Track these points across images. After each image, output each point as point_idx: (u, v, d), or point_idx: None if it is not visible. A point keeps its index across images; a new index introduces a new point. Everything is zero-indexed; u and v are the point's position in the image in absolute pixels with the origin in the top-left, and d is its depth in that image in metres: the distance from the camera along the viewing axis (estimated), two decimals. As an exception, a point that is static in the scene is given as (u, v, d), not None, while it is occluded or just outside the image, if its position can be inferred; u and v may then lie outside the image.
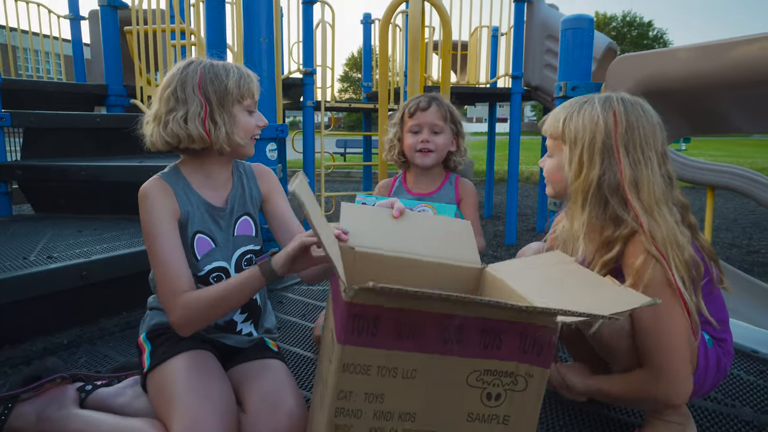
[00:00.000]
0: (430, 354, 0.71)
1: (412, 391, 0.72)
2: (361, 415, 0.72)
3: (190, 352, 1.12)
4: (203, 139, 1.13)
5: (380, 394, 0.72)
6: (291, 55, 5.17)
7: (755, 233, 4.85)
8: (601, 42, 4.38)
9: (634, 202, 1.00)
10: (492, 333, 0.71)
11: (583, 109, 1.07)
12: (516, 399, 0.74)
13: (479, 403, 0.74)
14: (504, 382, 0.73)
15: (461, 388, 0.73)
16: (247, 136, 1.21)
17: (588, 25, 2.25)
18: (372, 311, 0.69)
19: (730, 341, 1.14)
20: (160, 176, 1.19)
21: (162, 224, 1.12)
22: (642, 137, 1.02)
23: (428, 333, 0.70)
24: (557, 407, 1.34)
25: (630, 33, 40.03)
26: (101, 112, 4.05)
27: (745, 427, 1.26)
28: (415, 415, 0.73)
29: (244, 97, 1.19)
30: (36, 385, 1.14)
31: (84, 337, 1.77)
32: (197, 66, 1.15)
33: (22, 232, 2.22)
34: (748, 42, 1.75)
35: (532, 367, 0.73)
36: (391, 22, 3.41)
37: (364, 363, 0.70)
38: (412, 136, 1.68)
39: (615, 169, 1.01)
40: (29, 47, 4.98)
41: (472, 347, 0.71)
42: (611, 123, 1.02)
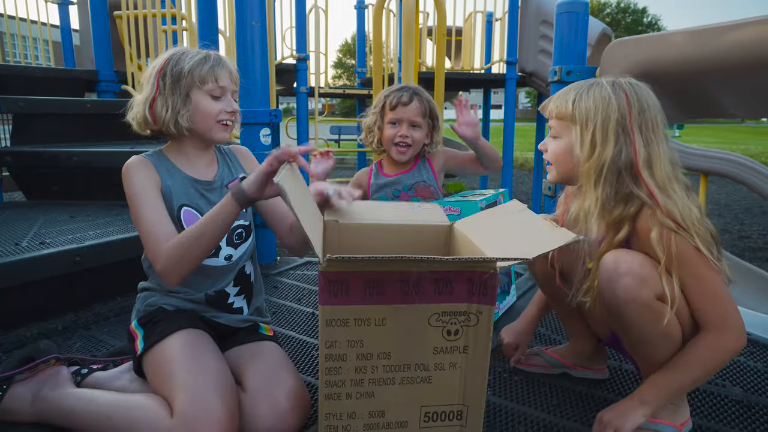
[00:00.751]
0: (395, 305, 0.87)
1: (385, 335, 0.88)
2: (347, 357, 0.88)
3: (185, 330, 1.13)
4: (149, 123, 1.19)
5: (360, 340, 0.88)
6: (284, 40, 5.12)
7: (747, 219, 4.89)
8: (596, 28, 4.37)
9: (648, 179, 1.02)
10: (444, 282, 0.87)
11: (593, 90, 1.08)
12: (470, 332, 0.90)
13: (441, 339, 0.90)
14: (459, 320, 0.89)
15: (425, 328, 0.89)
16: (208, 121, 1.21)
17: (583, 10, 2.24)
18: (343, 276, 0.84)
19: None
20: (143, 155, 1.23)
21: (145, 190, 1.15)
22: (652, 117, 1.05)
23: (391, 289, 0.86)
24: (549, 388, 1.36)
25: (624, 19, 39.96)
26: (91, 98, 4.00)
27: (735, 406, 1.28)
28: (390, 354, 0.90)
29: (205, 81, 1.18)
30: (30, 366, 1.14)
31: (78, 323, 1.77)
32: (168, 54, 1.20)
33: (14, 219, 2.20)
34: (742, 26, 1.75)
35: (480, 306, 0.89)
36: (384, 8, 3.38)
37: (343, 318, 0.86)
38: (391, 127, 1.72)
39: (629, 148, 1.03)
40: (17, 33, 4.89)
41: (429, 295, 0.87)
42: (624, 103, 1.04)
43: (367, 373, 0.90)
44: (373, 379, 0.90)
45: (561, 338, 1.66)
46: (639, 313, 1.00)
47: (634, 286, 0.99)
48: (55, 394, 1.11)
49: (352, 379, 0.90)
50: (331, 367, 0.88)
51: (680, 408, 1.12)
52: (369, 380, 0.90)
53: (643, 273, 0.99)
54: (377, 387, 0.91)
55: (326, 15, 4.85)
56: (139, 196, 1.14)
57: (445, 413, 0.94)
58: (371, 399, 0.91)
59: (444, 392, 0.93)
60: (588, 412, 1.25)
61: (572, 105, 1.09)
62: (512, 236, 1.06)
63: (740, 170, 3.44)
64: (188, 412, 0.96)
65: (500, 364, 1.49)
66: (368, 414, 0.92)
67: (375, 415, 0.92)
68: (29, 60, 5.06)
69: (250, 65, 2.25)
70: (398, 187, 1.74)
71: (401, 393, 0.92)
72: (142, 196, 1.14)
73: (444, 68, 2.88)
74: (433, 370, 0.92)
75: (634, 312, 1.01)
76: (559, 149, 1.14)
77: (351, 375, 0.90)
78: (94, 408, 1.06)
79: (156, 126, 1.19)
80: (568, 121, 1.11)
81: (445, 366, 0.92)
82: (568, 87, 1.14)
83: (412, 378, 0.92)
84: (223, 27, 3.37)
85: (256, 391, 1.07)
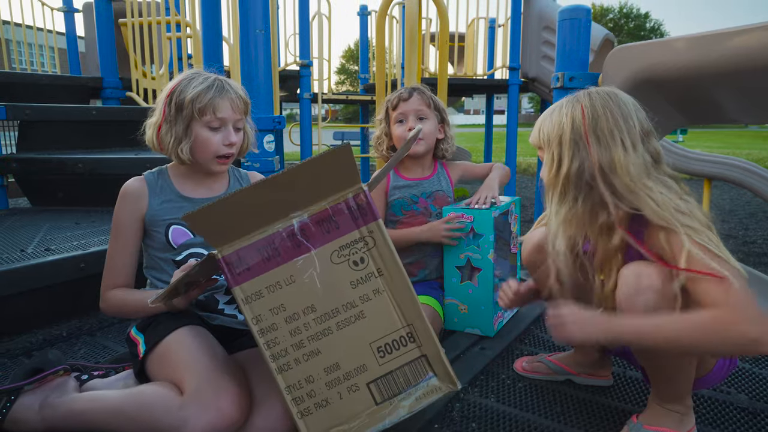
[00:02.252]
0: (294, 260, 0.89)
1: (300, 290, 0.89)
2: (277, 326, 0.89)
3: (187, 327, 1.14)
4: (156, 147, 1.23)
5: (280, 305, 0.89)
6: (287, 47, 5.15)
7: (751, 224, 4.87)
8: (599, 33, 4.37)
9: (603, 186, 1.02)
10: (326, 221, 0.89)
11: (554, 112, 1.10)
12: (375, 254, 0.90)
13: (352, 271, 0.90)
14: (358, 248, 0.90)
15: (332, 269, 0.90)
16: (205, 155, 1.22)
17: (585, 16, 2.25)
18: (237, 254, 0.87)
19: None
20: (144, 175, 1.27)
21: (123, 226, 1.23)
22: (611, 122, 1.03)
23: (283, 247, 0.89)
24: (553, 395, 1.36)
25: (627, 24, 39.95)
26: (97, 105, 4.02)
27: (740, 413, 1.28)
28: (314, 306, 0.90)
29: (203, 113, 1.18)
30: (39, 378, 1.14)
31: (83, 329, 1.78)
32: (181, 77, 1.22)
33: (20, 225, 2.21)
34: (746, 32, 1.75)
35: (368, 225, 0.90)
36: (387, 14, 3.40)
37: (255, 291, 0.88)
38: (398, 126, 1.71)
39: (588, 159, 1.03)
40: (23, 40, 4.93)
41: (319, 238, 0.89)
42: (579, 116, 1.05)
43: (302, 333, 0.90)
44: (311, 335, 0.90)
45: (565, 345, 1.66)
46: None
47: (656, 302, 0.97)
48: (63, 399, 1.12)
49: (291, 344, 0.90)
50: (268, 341, 0.89)
51: (686, 417, 1.11)
52: (308, 338, 0.90)
53: (665, 289, 0.97)
54: (318, 342, 0.91)
55: (329, 21, 4.88)
56: (117, 229, 1.23)
57: (396, 341, 0.92)
58: (319, 356, 0.91)
59: (383, 321, 0.92)
60: (592, 420, 1.25)
61: (538, 132, 1.12)
62: None
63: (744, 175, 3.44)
64: (200, 386, 0.97)
65: (504, 371, 1.48)
66: (324, 372, 0.91)
67: (331, 369, 0.91)
68: (35, 67, 5.11)
69: (254, 72, 2.27)
70: (417, 192, 1.73)
71: (343, 339, 0.91)
72: (119, 228, 1.23)
73: (447, 74, 2.89)
74: (360, 304, 0.91)
75: None
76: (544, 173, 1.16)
77: (289, 340, 0.90)
78: (104, 405, 1.06)
79: (162, 151, 1.23)
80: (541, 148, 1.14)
81: (369, 295, 0.91)
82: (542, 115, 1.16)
83: (346, 320, 0.91)
84: (227, 34, 3.39)
85: (256, 395, 1.07)
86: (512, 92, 4.96)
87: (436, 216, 1.73)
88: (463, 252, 1.65)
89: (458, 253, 1.66)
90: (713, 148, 12.81)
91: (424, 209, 1.73)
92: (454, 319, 1.72)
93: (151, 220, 1.23)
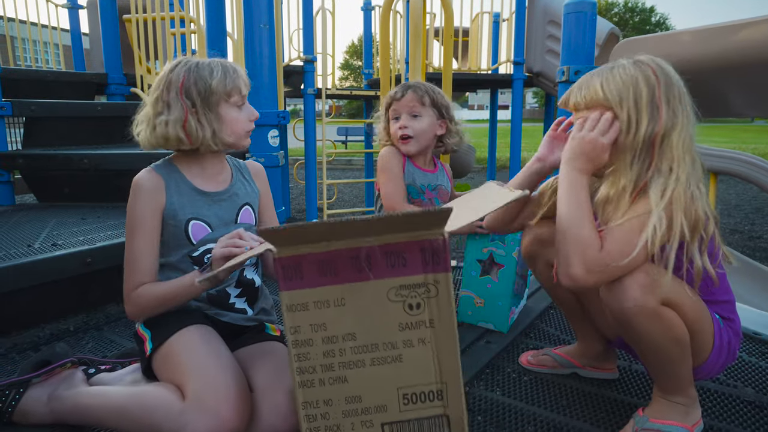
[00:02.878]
0: (350, 283, 0.86)
1: (347, 315, 0.87)
2: (313, 342, 0.88)
3: (193, 326, 1.14)
4: (185, 142, 1.17)
5: (322, 323, 0.87)
6: (291, 42, 5.15)
7: (757, 219, 4.85)
8: (604, 27, 4.35)
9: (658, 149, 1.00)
10: (395, 254, 0.86)
11: (616, 71, 1.06)
12: (433, 304, 0.87)
13: (404, 314, 0.88)
14: (419, 292, 0.87)
15: (385, 305, 0.87)
16: (238, 133, 1.23)
17: (590, 9, 2.24)
18: (295, 260, 0.85)
19: (738, 323, 1.14)
20: (153, 168, 1.22)
21: (143, 220, 1.17)
22: (679, 89, 1.03)
23: (343, 267, 0.86)
24: (558, 388, 1.36)
25: (632, 19, 39.72)
26: (102, 101, 4.03)
27: (746, 407, 1.27)
28: (355, 335, 0.88)
29: (231, 95, 1.19)
30: (47, 370, 1.16)
31: (90, 324, 1.79)
32: (182, 68, 1.17)
33: (26, 221, 2.23)
34: (752, 25, 1.74)
35: (437, 274, 0.86)
36: (392, 9, 3.39)
37: (302, 302, 0.86)
38: (393, 123, 1.73)
39: (657, 121, 1.01)
40: (27, 37, 4.95)
41: (382, 269, 0.86)
42: (653, 78, 1.02)
43: (336, 357, 0.89)
44: (343, 362, 0.89)
45: (570, 338, 1.66)
46: (647, 322, 1.00)
47: (640, 296, 0.98)
48: (70, 393, 1.13)
49: (321, 364, 0.89)
50: (299, 354, 0.88)
51: (691, 409, 1.11)
52: (339, 364, 0.89)
53: (646, 281, 0.98)
54: (348, 370, 0.89)
55: (333, 17, 4.87)
56: (137, 222, 1.17)
57: (424, 393, 0.91)
58: (345, 384, 0.90)
59: (418, 371, 0.90)
60: (598, 413, 1.25)
61: (602, 89, 1.06)
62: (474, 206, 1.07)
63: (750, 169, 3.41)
64: (201, 392, 0.98)
65: (509, 364, 1.49)
66: (344, 400, 0.90)
67: (351, 400, 0.90)
68: (40, 64, 5.11)
69: (258, 67, 2.27)
70: (425, 182, 1.74)
71: (374, 375, 0.90)
72: (139, 223, 1.16)
73: (451, 69, 2.87)
74: (402, 347, 0.89)
75: (641, 321, 1.00)
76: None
77: (320, 360, 0.89)
78: (109, 402, 1.07)
79: (192, 145, 1.18)
80: (600, 107, 1.06)
81: (413, 342, 0.89)
82: (586, 76, 1.11)
83: (383, 358, 0.90)
84: (231, 29, 3.39)
85: (260, 390, 1.08)
86: (517, 87, 4.94)
87: None
88: (486, 246, 1.65)
89: (481, 246, 1.66)
90: (719, 143, 12.74)
91: (428, 201, 1.74)
92: (467, 312, 1.72)
93: (171, 215, 1.20)
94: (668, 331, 1.01)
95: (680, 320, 1.02)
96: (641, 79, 1.03)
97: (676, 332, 1.01)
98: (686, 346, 1.04)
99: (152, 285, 1.16)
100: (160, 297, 1.14)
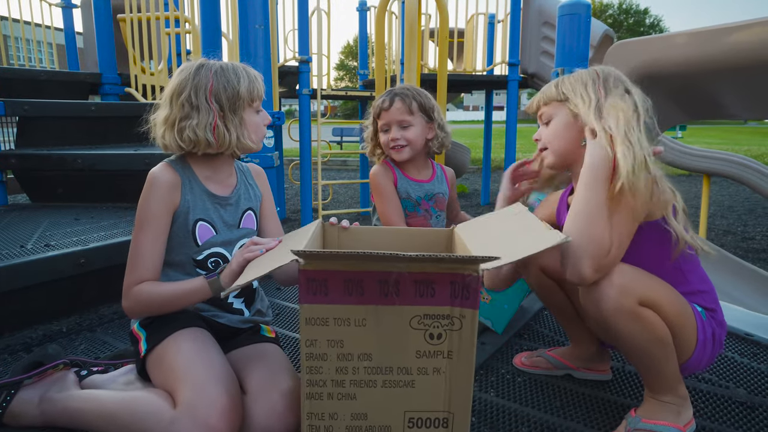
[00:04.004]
0: (374, 305, 0.86)
1: (366, 336, 0.88)
2: (327, 357, 0.88)
3: (187, 329, 1.14)
4: (213, 146, 1.19)
5: (340, 340, 0.87)
6: (286, 42, 5.14)
7: (750, 220, 4.88)
8: (598, 29, 4.37)
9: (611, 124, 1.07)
10: (425, 283, 0.86)
11: (568, 76, 1.22)
12: (455, 337, 0.88)
13: (424, 342, 0.88)
14: (442, 324, 0.87)
15: (406, 331, 0.88)
16: (257, 136, 1.27)
17: (585, 11, 2.25)
18: (322, 275, 0.84)
19: (720, 312, 1.16)
20: (169, 164, 1.22)
21: (154, 217, 1.16)
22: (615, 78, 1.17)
23: (370, 288, 0.86)
24: (552, 389, 1.36)
25: (627, 20, 39.90)
26: (96, 101, 4.02)
27: (738, 407, 1.28)
28: (371, 355, 0.89)
29: (254, 100, 1.23)
30: (38, 372, 1.15)
31: (83, 325, 1.78)
32: (208, 71, 1.18)
33: (19, 221, 2.21)
34: (745, 27, 1.75)
35: (463, 309, 0.86)
36: (387, 10, 3.39)
37: (322, 317, 0.86)
38: (383, 134, 1.71)
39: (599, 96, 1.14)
40: (21, 36, 4.92)
41: (409, 297, 0.86)
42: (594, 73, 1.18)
43: (348, 374, 0.90)
44: (355, 380, 0.90)
45: (564, 339, 1.67)
46: (625, 322, 1.02)
47: (616, 296, 1.00)
48: (61, 395, 1.12)
49: (333, 379, 0.90)
50: (312, 366, 0.89)
51: (683, 409, 1.12)
52: (350, 381, 0.90)
53: (622, 281, 1.01)
54: (359, 389, 0.90)
55: (328, 17, 4.86)
56: (147, 217, 1.16)
57: (430, 420, 0.92)
58: (353, 401, 0.91)
59: (428, 398, 0.91)
60: (591, 414, 1.25)
61: (556, 87, 1.21)
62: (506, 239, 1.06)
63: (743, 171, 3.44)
64: (191, 401, 0.98)
65: (503, 366, 1.49)
66: (350, 416, 0.91)
67: (357, 417, 0.91)
68: (33, 63, 5.09)
69: (253, 68, 2.26)
70: (421, 193, 1.71)
71: (383, 396, 0.91)
72: (150, 218, 1.16)
73: (446, 70, 2.88)
74: (416, 374, 0.90)
75: (620, 322, 1.02)
76: (553, 128, 1.22)
77: (332, 375, 0.89)
78: (100, 407, 1.07)
79: (218, 149, 1.20)
80: (555, 102, 1.21)
81: (428, 371, 0.90)
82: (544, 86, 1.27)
83: (395, 381, 0.90)
84: (226, 30, 3.38)
85: (254, 391, 1.08)
86: (512, 88, 4.95)
87: (436, 217, 1.73)
88: None
89: None
90: (712, 144, 12.81)
91: (425, 211, 1.73)
92: None
93: (183, 213, 1.19)
94: (649, 331, 1.03)
95: (660, 320, 1.04)
96: (586, 74, 1.19)
97: (657, 332, 1.03)
98: (668, 344, 1.05)
99: (156, 284, 1.15)
100: (165, 297, 1.14)
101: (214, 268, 1.21)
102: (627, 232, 1.04)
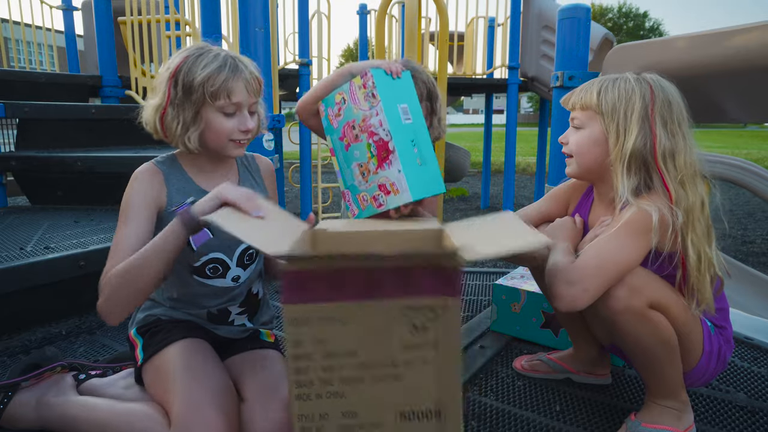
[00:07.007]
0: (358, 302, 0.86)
1: (350, 332, 0.87)
2: (313, 357, 0.87)
3: (185, 340, 1.11)
4: (159, 133, 1.09)
5: (325, 339, 0.87)
6: (287, 45, 5.15)
7: (750, 224, 4.87)
8: (598, 32, 4.37)
9: (667, 172, 1.03)
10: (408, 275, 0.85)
11: (618, 83, 1.09)
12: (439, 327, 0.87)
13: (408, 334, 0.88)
14: (426, 315, 0.87)
15: (391, 324, 0.87)
16: (220, 140, 1.10)
17: (585, 15, 2.25)
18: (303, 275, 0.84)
19: (730, 330, 1.15)
20: (154, 163, 1.14)
21: (136, 210, 1.07)
22: (678, 112, 1.06)
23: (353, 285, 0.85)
24: (552, 393, 1.36)
25: (626, 24, 39.96)
26: (96, 103, 4.02)
27: (738, 411, 1.28)
28: (356, 351, 0.88)
29: (216, 98, 1.05)
30: (36, 374, 1.14)
31: (82, 327, 1.78)
32: (187, 53, 1.08)
33: (18, 223, 2.21)
34: (746, 31, 1.75)
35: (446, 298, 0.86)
36: (387, 13, 3.39)
37: (305, 316, 0.85)
38: None
39: (650, 139, 1.04)
40: (22, 38, 4.92)
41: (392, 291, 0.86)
42: (648, 94, 1.06)
43: (335, 372, 0.89)
44: (342, 377, 0.89)
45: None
46: (633, 322, 1.02)
47: (626, 296, 1.00)
48: (58, 400, 1.11)
49: (320, 378, 0.88)
50: (299, 367, 0.87)
51: (683, 414, 1.12)
52: (338, 379, 0.89)
53: (633, 282, 1.01)
54: (347, 386, 0.89)
55: (329, 20, 4.87)
56: (129, 211, 1.07)
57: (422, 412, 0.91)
58: (342, 399, 0.90)
59: (417, 391, 0.91)
60: (591, 418, 1.25)
61: (597, 96, 1.10)
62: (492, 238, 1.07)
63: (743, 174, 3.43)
64: (185, 420, 0.95)
65: (503, 369, 1.49)
66: (341, 414, 0.90)
67: (348, 415, 0.91)
68: (34, 65, 5.09)
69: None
70: None
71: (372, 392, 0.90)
72: (130, 213, 1.06)
73: (446, 73, 2.88)
74: (403, 367, 0.89)
75: (628, 322, 1.02)
76: (582, 140, 1.14)
77: (319, 374, 0.88)
78: (95, 417, 1.06)
79: (166, 138, 1.10)
80: (592, 111, 1.11)
81: (415, 363, 0.89)
82: (591, 81, 1.15)
83: (382, 376, 0.90)
84: (226, 33, 3.38)
85: (253, 400, 1.05)
86: (511, 91, 4.95)
87: None
88: None
89: None
90: (712, 148, 12.81)
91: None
92: (501, 297, 1.70)
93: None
94: (655, 332, 1.02)
95: (667, 323, 1.03)
96: (638, 93, 1.05)
97: (663, 334, 1.03)
98: (674, 348, 1.05)
99: None
100: (133, 260, 0.97)
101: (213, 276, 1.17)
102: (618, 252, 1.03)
